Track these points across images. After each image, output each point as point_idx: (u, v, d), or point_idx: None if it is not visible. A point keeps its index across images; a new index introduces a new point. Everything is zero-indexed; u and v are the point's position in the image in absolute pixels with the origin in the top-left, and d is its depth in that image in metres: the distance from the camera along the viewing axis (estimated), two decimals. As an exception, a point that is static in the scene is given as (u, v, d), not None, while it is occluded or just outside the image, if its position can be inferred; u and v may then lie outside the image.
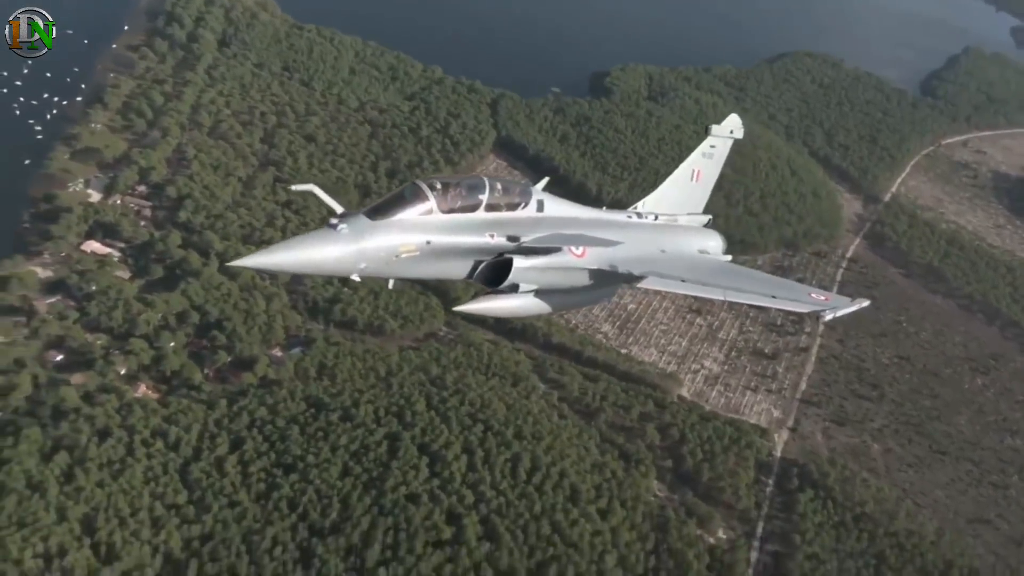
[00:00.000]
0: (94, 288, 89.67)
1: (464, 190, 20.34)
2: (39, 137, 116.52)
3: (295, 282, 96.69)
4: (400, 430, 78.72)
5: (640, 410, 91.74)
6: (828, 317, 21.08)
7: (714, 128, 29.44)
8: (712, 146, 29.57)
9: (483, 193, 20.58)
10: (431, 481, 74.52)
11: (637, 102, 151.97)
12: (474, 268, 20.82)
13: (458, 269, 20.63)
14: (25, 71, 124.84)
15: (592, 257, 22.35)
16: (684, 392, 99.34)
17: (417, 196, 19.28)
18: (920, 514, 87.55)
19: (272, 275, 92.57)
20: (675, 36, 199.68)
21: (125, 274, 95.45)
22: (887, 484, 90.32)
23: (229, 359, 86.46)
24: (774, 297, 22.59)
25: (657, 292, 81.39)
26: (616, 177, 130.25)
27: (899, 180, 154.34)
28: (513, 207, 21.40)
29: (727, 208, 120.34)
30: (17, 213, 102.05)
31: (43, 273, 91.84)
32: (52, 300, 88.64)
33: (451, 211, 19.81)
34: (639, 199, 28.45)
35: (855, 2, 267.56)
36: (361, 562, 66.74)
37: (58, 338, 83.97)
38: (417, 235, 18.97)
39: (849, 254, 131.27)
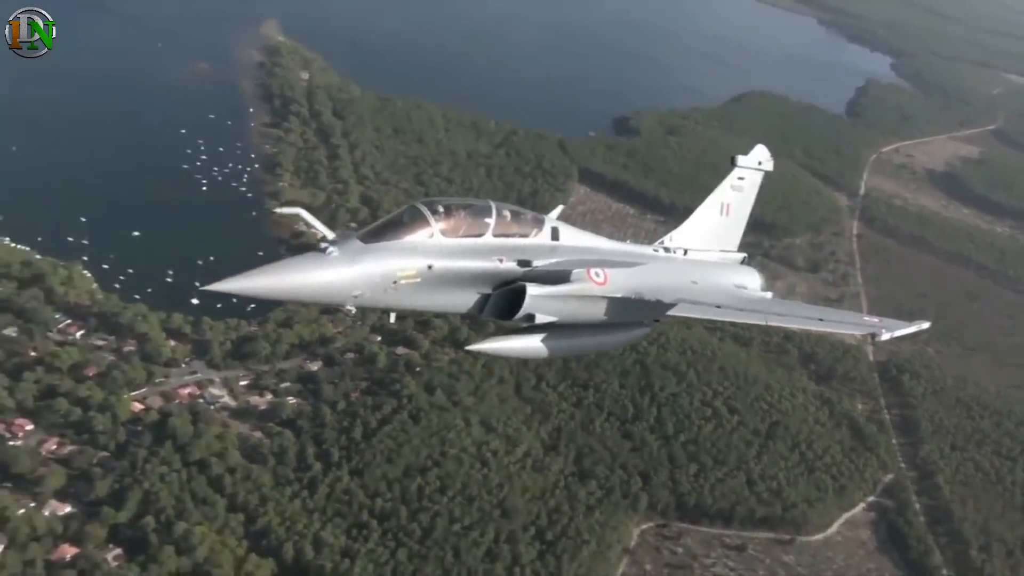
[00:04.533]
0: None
1: (469, 214, 18.73)
2: (248, 195, 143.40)
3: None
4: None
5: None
6: (885, 337, 20.08)
7: (740, 159, 28.45)
8: (740, 178, 28.60)
9: (490, 217, 18.90)
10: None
11: (664, 140, 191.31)
12: (484, 301, 18.97)
13: (465, 299, 18.72)
14: (201, 157, 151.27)
15: (615, 284, 20.49)
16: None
17: (417, 219, 17.64)
18: (975, 385, 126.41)
19: (254, 301, 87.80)
20: (637, 85, 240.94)
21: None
22: (948, 372, 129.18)
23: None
24: (821, 320, 21.82)
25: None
26: (706, 189, 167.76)
27: (863, 180, 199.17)
28: (524, 235, 19.70)
29: (761, 207, 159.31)
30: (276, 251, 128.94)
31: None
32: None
33: (455, 235, 18.10)
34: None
35: (758, 49, 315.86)
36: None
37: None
38: (417, 259, 17.17)
39: (855, 232, 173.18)
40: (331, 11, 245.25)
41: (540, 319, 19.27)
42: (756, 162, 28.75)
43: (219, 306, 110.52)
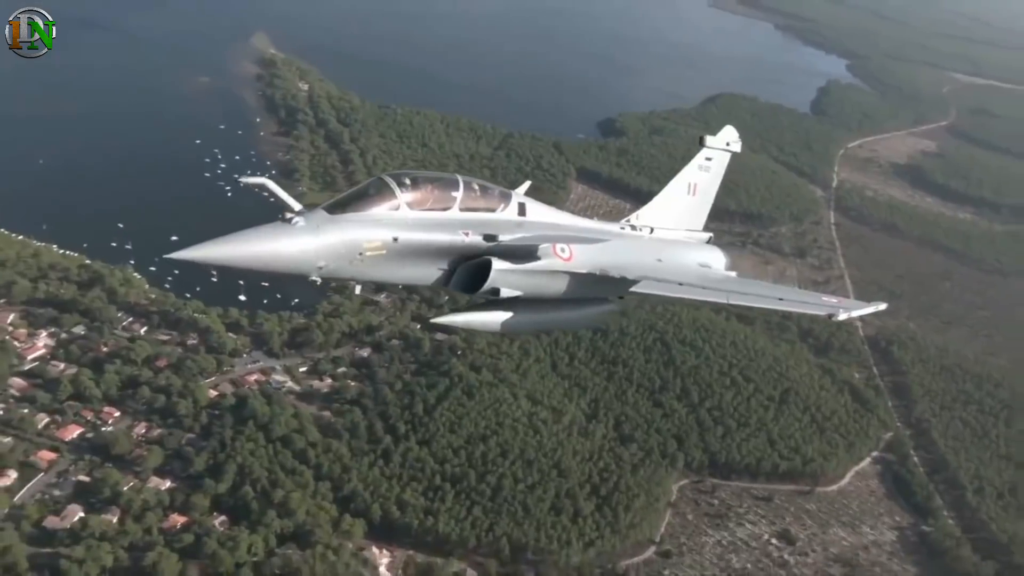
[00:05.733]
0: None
1: (436, 187, 19.08)
2: (271, 200, 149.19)
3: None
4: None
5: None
6: (842, 316, 20.48)
7: (709, 139, 28.69)
8: (708, 159, 28.83)
9: (456, 191, 19.25)
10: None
11: (650, 139, 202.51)
12: (449, 274, 19.30)
13: (430, 272, 19.09)
14: (221, 166, 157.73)
15: (580, 260, 20.77)
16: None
17: (383, 191, 17.99)
18: (955, 353, 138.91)
19: (216, 270, 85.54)
20: (613, 89, 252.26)
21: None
22: (930, 342, 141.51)
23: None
24: (781, 300, 22.17)
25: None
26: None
27: (835, 173, 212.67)
28: (491, 209, 20.05)
29: (747, 199, 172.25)
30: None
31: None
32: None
33: (421, 208, 18.45)
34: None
35: (721, 54, 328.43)
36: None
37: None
38: (383, 231, 17.48)
39: (832, 221, 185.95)
40: (316, 24, 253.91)
41: (505, 293, 19.74)
42: (724, 143, 29.28)
43: (265, 301, 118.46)
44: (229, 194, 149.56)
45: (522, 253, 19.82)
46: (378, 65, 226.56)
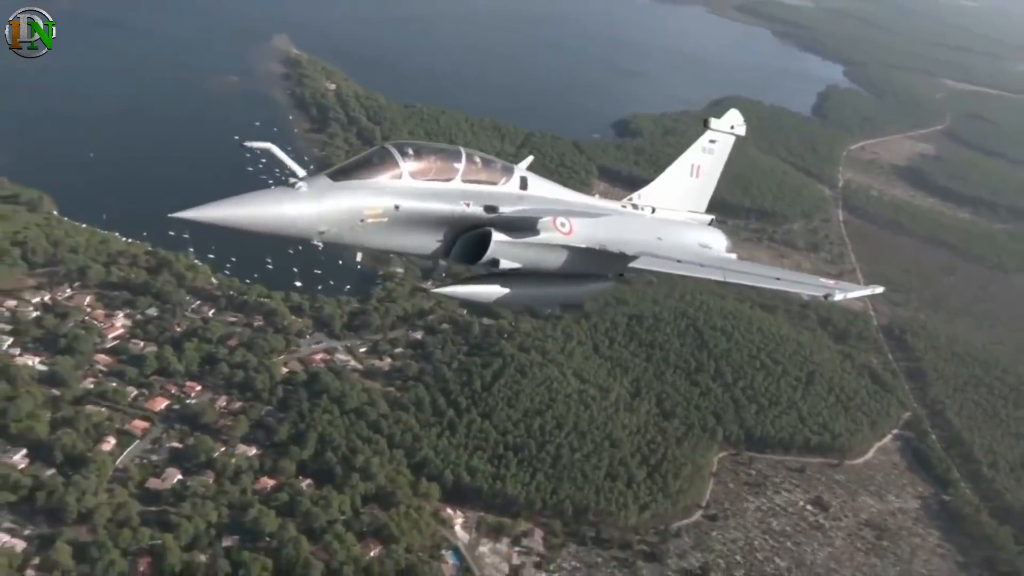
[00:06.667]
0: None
1: (438, 158, 19.32)
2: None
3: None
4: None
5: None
6: (838, 297, 20.60)
7: (713, 122, 28.96)
8: (712, 141, 29.11)
9: (459, 162, 19.46)
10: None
11: (664, 139, 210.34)
12: (450, 244, 19.48)
13: (431, 241, 19.25)
14: (261, 160, 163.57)
15: (580, 235, 20.86)
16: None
17: (386, 160, 18.25)
18: (964, 341, 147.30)
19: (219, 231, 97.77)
20: (622, 93, 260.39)
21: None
22: (940, 332, 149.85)
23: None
24: (778, 279, 22.03)
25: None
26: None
27: (840, 174, 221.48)
28: (493, 182, 20.26)
29: (760, 196, 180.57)
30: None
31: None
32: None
33: (424, 178, 18.68)
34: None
35: (723, 59, 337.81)
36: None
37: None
38: (385, 199, 17.77)
39: (841, 218, 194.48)
40: (334, 25, 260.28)
41: (504, 265, 19.88)
42: (728, 126, 29.58)
43: (320, 287, 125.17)
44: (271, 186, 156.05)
45: (522, 226, 19.99)
46: (390, 67, 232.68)
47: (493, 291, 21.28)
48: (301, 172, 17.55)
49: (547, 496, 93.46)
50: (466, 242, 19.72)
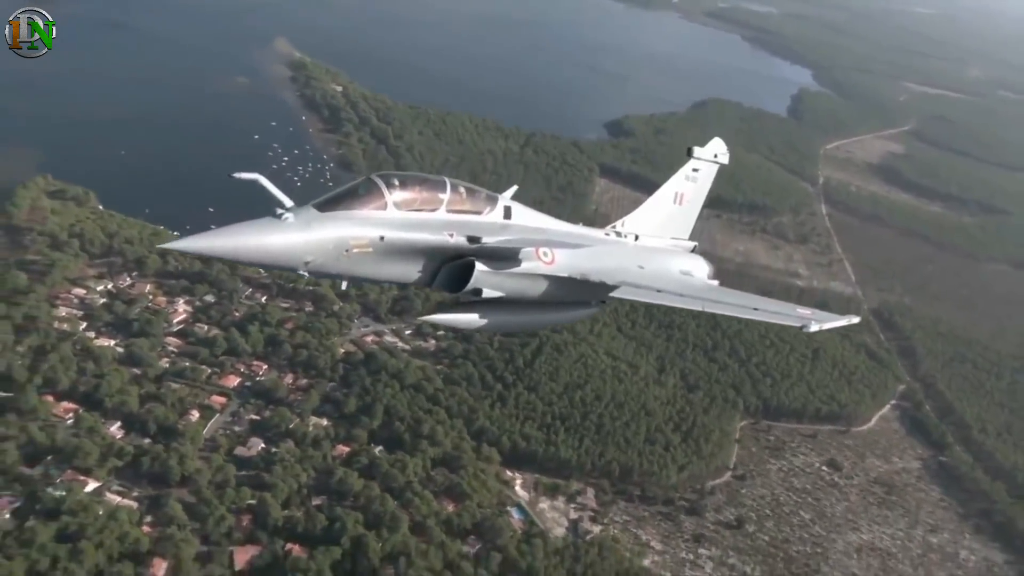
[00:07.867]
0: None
1: (423, 188, 19.60)
2: (333, 188, 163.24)
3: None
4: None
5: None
6: (814, 328, 21.04)
7: (696, 150, 29.12)
8: (695, 169, 29.21)
9: (444, 193, 19.77)
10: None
11: (656, 138, 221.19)
12: (434, 274, 19.92)
13: (415, 271, 19.67)
14: (284, 158, 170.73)
15: (562, 264, 21.45)
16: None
17: (372, 191, 18.58)
18: (948, 322, 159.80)
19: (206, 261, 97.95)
20: (609, 95, 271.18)
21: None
22: (925, 314, 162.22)
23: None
24: (756, 309, 22.40)
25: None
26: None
27: (819, 171, 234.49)
28: (477, 212, 20.66)
29: (750, 192, 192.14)
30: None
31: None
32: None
33: (409, 208, 19.00)
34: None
35: (698, 63, 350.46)
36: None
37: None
38: (370, 230, 18.09)
39: (825, 212, 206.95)
40: (332, 28, 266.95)
41: (487, 294, 20.33)
42: (712, 154, 29.68)
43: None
44: (298, 184, 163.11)
45: (505, 255, 20.47)
46: (379, 68, 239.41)
47: (476, 319, 21.77)
48: (288, 202, 17.89)
49: (595, 459, 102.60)
50: (450, 271, 20.14)
